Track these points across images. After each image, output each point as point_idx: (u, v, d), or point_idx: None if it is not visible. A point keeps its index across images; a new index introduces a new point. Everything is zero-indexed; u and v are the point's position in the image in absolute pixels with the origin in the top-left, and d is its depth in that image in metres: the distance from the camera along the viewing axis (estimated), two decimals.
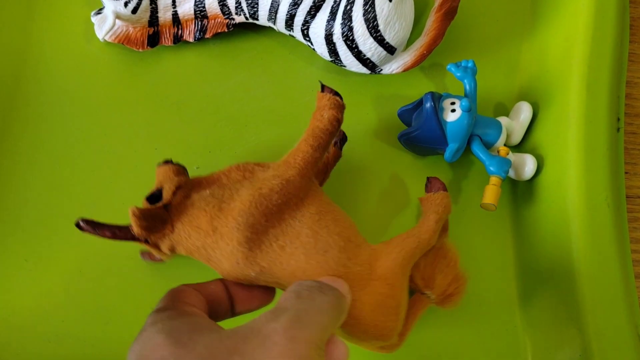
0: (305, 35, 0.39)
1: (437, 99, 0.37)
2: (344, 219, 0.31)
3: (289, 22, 0.38)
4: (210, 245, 0.29)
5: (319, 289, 0.26)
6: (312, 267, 0.29)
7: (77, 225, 0.29)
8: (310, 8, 0.37)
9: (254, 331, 0.23)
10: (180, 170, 0.31)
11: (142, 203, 0.29)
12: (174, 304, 0.27)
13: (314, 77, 0.41)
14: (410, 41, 0.39)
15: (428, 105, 0.37)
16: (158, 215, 0.29)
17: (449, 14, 0.39)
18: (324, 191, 0.33)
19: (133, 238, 0.29)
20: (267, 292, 0.31)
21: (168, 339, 0.24)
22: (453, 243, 0.35)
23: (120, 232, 0.29)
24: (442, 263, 0.33)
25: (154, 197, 0.29)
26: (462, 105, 0.36)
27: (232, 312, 0.30)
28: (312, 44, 0.39)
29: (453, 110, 0.37)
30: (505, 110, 0.41)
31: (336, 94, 0.31)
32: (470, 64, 0.38)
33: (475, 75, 0.38)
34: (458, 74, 0.38)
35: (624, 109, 0.39)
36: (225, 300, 0.30)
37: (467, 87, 0.38)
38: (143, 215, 0.28)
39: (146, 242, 0.30)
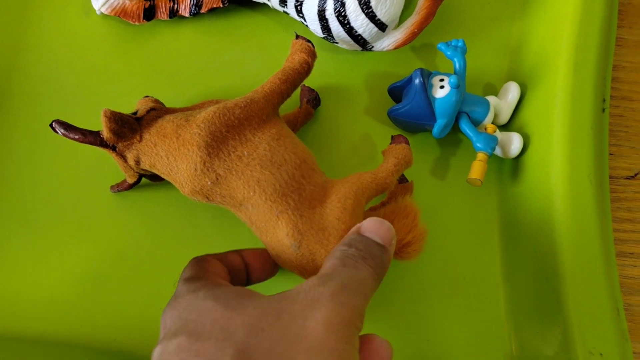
0: (299, 12, 0.39)
1: (426, 75, 0.38)
2: (303, 147, 0.33)
3: None
4: (172, 153, 0.31)
5: (363, 258, 0.27)
6: (266, 177, 0.30)
7: (51, 126, 0.31)
8: None
9: (302, 294, 0.25)
10: (158, 101, 0.34)
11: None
12: (204, 274, 0.28)
13: None
14: (402, 20, 0.40)
15: (417, 81, 0.37)
16: (128, 122, 0.31)
17: None
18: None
19: (102, 143, 0.31)
20: (274, 264, 0.33)
21: (217, 303, 0.25)
22: (418, 204, 0.35)
23: (90, 136, 0.31)
24: (401, 214, 0.34)
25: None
26: (450, 82, 0.37)
27: (248, 282, 0.32)
28: (305, 20, 0.40)
29: (442, 87, 0.38)
30: (494, 90, 0.42)
31: (308, 41, 0.34)
32: (460, 43, 0.39)
33: (465, 54, 0.39)
34: (448, 53, 0.39)
35: (609, 91, 0.40)
36: (243, 269, 0.32)
37: (457, 65, 0.39)
38: (114, 117, 0.30)
39: (113, 149, 0.32)
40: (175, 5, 0.41)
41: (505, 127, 0.41)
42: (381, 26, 0.38)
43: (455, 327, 0.38)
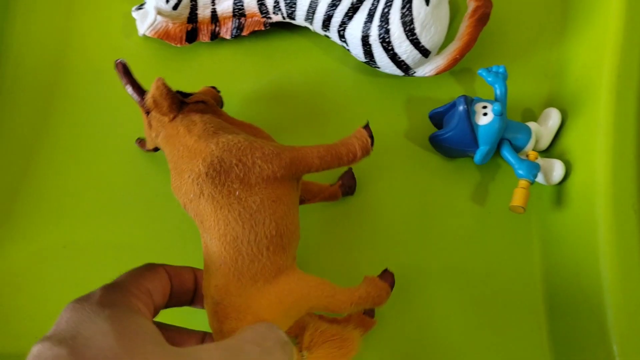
0: (342, 36, 0.39)
1: (469, 102, 0.38)
2: (291, 223, 0.31)
3: (326, 22, 0.39)
4: (183, 150, 0.31)
5: (282, 346, 0.27)
6: (236, 227, 0.30)
7: (116, 62, 0.33)
8: (348, 10, 0.38)
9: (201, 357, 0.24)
10: (218, 97, 0.36)
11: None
12: (129, 286, 0.27)
13: (347, 77, 0.42)
14: (443, 45, 0.40)
15: (461, 108, 0.37)
16: (173, 100, 0.32)
17: (482, 19, 0.40)
18: (297, 204, 0.33)
19: (140, 103, 0.33)
20: None
21: (115, 333, 0.23)
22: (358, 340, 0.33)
23: (136, 91, 0.33)
24: (337, 343, 0.32)
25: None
26: (494, 109, 0.37)
27: (191, 301, 0.32)
28: (347, 44, 0.40)
29: (485, 114, 0.38)
30: (533, 115, 0.42)
31: (371, 137, 0.33)
32: (501, 70, 0.39)
33: (506, 80, 0.39)
34: (489, 79, 0.39)
35: None
36: (191, 290, 0.31)
37: (498, 91, 0.39)
38: (163, 90, 0.31)
39: (147, 113, 0.33)
40: (217, 28, 0.42)
41: (545, 153, 0.41)
42: (425, 52, 0.38)
43: (499, 353, 0.38)
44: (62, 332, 0.24)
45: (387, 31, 0.37)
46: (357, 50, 0.39)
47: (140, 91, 0.33)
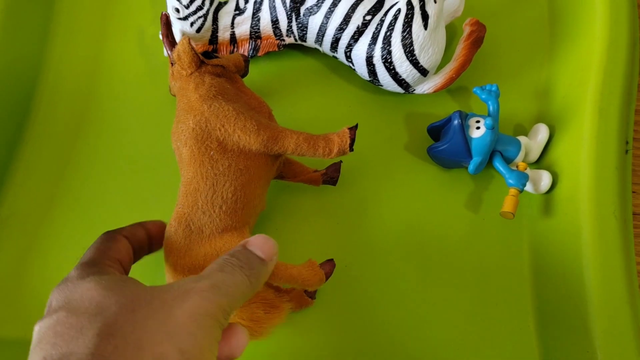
0: (348, 57, 0.43)
1: (463, 117, 0.42)
2: (251, 193, 0.36)
3: (334, 44, 0.43)
4: (187, 104, 0.36)
5: (240, 266, 0.29)
6: (202, 183, 0.34)
7: (162, 14, 0.38)
8: (354, 33, 0.42)
9: (175, 286, 0.27)
10: (241, 67, 0.40)
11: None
12: (101, 259, 0.30)
13: (353, 94, 0.46)
14: (441, 65, 0.44)
15: (456, 122, 0.41)
16: (194, 57, 0.36)
17: (476, 42, 0.44)
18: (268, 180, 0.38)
19: (169, 54, 0.38)
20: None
21: (98, 285, 0.27)
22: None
23: (169, 41, 0.38)
24: (267, 306, 0.35)
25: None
26: (486, 123, 0.40)
27: (149, 250, 0.35)
28: (353, 64, 0.44)
29: (478, 128, 0.41)
30: (524, 130, 0.45)
31: (352, 140, 0.37)
32: (494, 88, 0.43)
33: (498, 98, 0.43)
34: (483, 96, 0.43)
35: (632, 133, 0.44)
36: (146, 243, 0.35)
37: (491, 108, 0.42)
38: (188, 46, 0.36)
39: (172, 64, 0.38)
40: (236, 49, 0.46)
41: (535, 165, 0.44)
42: (423, 72, 0.42)
43: (489, 350, 0.41)
44: (55, 306, 0.27)
45: (389, 52, 0.41)
46: (362, 70, 0.43)
47: (171, 44, 0.38)
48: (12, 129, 0.46)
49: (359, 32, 0.42)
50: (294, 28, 0.44)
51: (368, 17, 0.42)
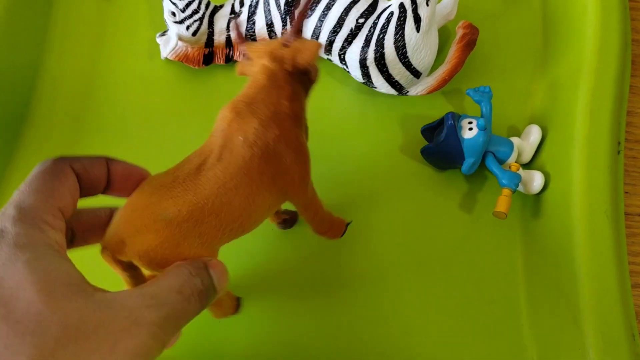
0: (342, 60, 0.44)
1: (456, 118, 0.42)
2: (237, 220, 0.30)
3: (328, 47, 0.44)
4: (256, 100, 0.31)
5: (199, 292, 0.26)
6: (201, 175, 0.29)
7: (229, 21, 0.37)
8: (348, 36, 0.43)
9: (126, 311, 0.23)
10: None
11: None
12: (41, 214, 0.25)
13: (348, 96, 0.47)
14: (434, 67, 0.45)
15: (449, 123, 0.42)
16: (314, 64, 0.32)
17: (469, 45, 0.45)
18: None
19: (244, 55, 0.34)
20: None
21: (38, 284, 0.22)
22: None
23: (240, 40, 0.35)
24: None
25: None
26: (478, 124, 0.41)
27: (104, 192, 0.30)
28: (347, 67, 0.44)
29: (470, 129, 0.42)
30: (517, 131, 0.46)
31: (342, 234, 0.38)
32: (487, 90, 0.43)
33: (491, 99, 0.43)
34: (476, 98, 0.43)
35: (624, 134, 0.44)
36: (102, 184, 0.29)
37: (484, 109, 0.43)
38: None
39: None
40: (231, 52, 0.46)
41: (527, 166, 0.45)
42: (416, 73, 0.43)
43: (482, 349, 0.41)
44: None
45: (382, 55, 0.42)
46: (356, 72, 0.44)
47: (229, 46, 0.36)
48: (9, 134, 0.46)
49: (352, 35, 0.43)
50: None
51: (361, 20, 0.42)
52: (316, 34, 0.43)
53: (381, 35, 0.41)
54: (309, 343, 0.41)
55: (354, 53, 0.43)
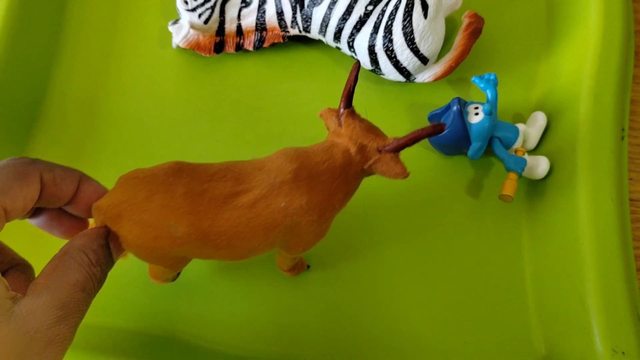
0: (351, 47, 0.45)
1: (462, 104, 0.43)
2: (233, 252, 0.31)
3: (337, 35, 0.45)
4: (328, 168, 0.31)
5: (99, 281, 0.26)
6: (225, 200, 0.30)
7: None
8: (357, 23, 0.43)
9: (39, 332, 0.23)
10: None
11: None
12: None
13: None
14: (440, 55, 0.45)
15: (455, 108, 0.42)
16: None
17: (475, 33, 0.45)
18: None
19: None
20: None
21: None
22: None
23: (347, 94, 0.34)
24: None
25: None
26: (484, 109, 0.42)
27: (64, 205, 0.29)
28: (356, 54, 0.45)
29: (477, 114, 0.42)
30: (523, 118, 0.47)
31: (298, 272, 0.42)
32: (492, 77, 0.44)
33: (497, 86, 0.44)
34: (481, 85, 0.44)
35: (628, 121, 0.45)
36: (65, 198, 0.29)
37: (489, 96, 0.43)
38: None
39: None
40: (242, 40, 0.47)
41: (533, 152, 0.45)
42: (423, 60, 0.43)
43: (489, 331, 0.41)
44: None
45: (391, 41, 0.43)
46: (364, 59, 0.45)
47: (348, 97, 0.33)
48: (22, 131, 0.47)
49: (361, 22, 0.43)
50: (299, 19, 0.45)
51: (370, 7, 0.43)
52: (325, 21, 0.44)
53: (389, 22, 0.42)
54: (308, 324, 0.41)
55: (362, 40, 0.44)
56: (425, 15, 0.42)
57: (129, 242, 0.28)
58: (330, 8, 0.44)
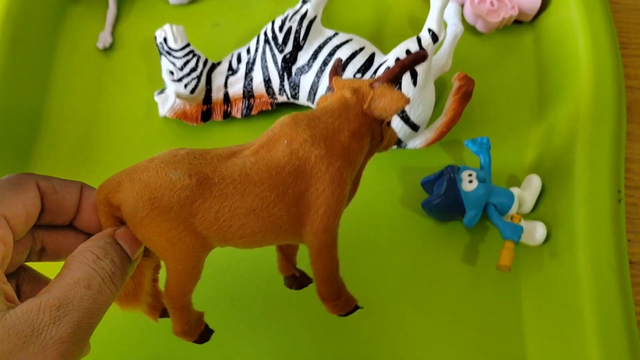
0: None
1: (456, 170, 0.42)
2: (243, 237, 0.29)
3: None
4: (322, 131, 0.29)
5: (113, 275, 0.25)
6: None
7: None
8: None
9: (33, 335, 0.22)
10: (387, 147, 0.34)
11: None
12: None
13: None
14: (432, 119, 0.45)
15: (448, 176, 0.41)
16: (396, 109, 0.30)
17: (465, 97, 0.45)
18: None
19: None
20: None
21: None
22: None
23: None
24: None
25: None
26: (478, 176, 0.41)
27: (70, 224, 0.28)
28: None
29: (470, 181, 0.42)
30: (517, 181, 0.46)
31: (348, 313, 0.34)
32: (485, 140, 0.43)
33: (490, 150, 0.43)
34: (474, 149, 0.43)
35: (624, 182, 0.44)
36: (70, 210, 0.28)
37: (482, 160, 0.43)
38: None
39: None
40: (229, 108, 0.47)
41: (529, 216, 0.44)
42: (414, 127, 0.43)
43: None
44: None
45: None
46: None
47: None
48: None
49: None
50: (287, 87, 0.45)
51: (358, 75, 0.43)
52: (314, 89, 0.44)
53: None
54: None
55: None
56: (415, 83, 0.41)
57: (131, 203, 0.27)
58: (318, 76, 0.43)
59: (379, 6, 0.54)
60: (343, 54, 0.43)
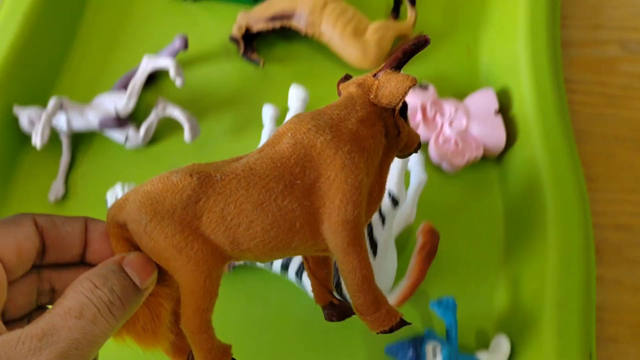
0: (299, 278, 0.43)
1: (419, 343, 0.41)
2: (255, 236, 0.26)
3: (285, 265, 0.42)
4: (328, 119, 0.28)
5: (111, 305, 0.23)
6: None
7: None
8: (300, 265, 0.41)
9: (24, 352, 0.21)
10: (410, 148, 0.31)
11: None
12: None
13: (309, 309, 0.45)
14: (396, 280, 0.43)
15: (410, 354, 0.40)
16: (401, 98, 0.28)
17: (429, 255, 0.43)
18: None
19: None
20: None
21: None
22: None
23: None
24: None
25: None
26: (443, 354, 0.39)
27: (81, 260, 0.27)
28: (304, 287, 0.43)
29: (434, 355, 0.40)
30: (485, 338, 0.44)
31: (393, 329, 0.29)
32: (450, 302, 0.42)
33: (456, 311, 0.42)
34: (440, 312, 0.42)
35: (594, 344, 0.42)
36: (75, 245, 0.27)
37: (447, 323, 0.41)
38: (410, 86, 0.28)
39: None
40: None
41: None
42: None
43: None
44: None
45: (339, 283, 0.40)
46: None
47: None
48: None
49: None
50: None
51: None
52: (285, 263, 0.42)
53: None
54: None
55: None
56: (375, 254, 0.40)
57: (134, 212, 0.26)
58: None
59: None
60: None
